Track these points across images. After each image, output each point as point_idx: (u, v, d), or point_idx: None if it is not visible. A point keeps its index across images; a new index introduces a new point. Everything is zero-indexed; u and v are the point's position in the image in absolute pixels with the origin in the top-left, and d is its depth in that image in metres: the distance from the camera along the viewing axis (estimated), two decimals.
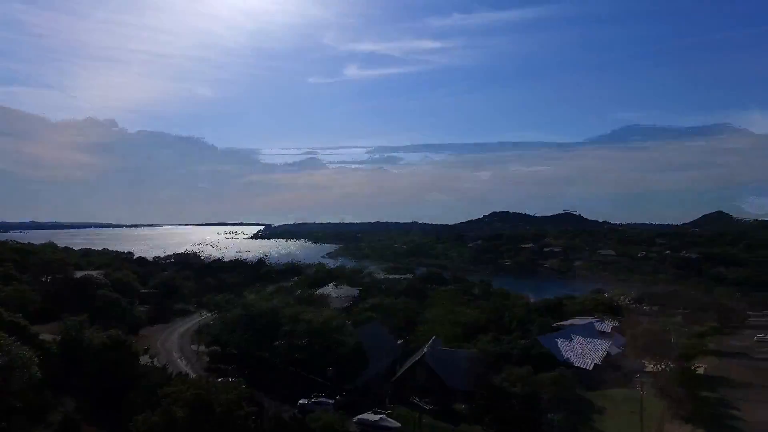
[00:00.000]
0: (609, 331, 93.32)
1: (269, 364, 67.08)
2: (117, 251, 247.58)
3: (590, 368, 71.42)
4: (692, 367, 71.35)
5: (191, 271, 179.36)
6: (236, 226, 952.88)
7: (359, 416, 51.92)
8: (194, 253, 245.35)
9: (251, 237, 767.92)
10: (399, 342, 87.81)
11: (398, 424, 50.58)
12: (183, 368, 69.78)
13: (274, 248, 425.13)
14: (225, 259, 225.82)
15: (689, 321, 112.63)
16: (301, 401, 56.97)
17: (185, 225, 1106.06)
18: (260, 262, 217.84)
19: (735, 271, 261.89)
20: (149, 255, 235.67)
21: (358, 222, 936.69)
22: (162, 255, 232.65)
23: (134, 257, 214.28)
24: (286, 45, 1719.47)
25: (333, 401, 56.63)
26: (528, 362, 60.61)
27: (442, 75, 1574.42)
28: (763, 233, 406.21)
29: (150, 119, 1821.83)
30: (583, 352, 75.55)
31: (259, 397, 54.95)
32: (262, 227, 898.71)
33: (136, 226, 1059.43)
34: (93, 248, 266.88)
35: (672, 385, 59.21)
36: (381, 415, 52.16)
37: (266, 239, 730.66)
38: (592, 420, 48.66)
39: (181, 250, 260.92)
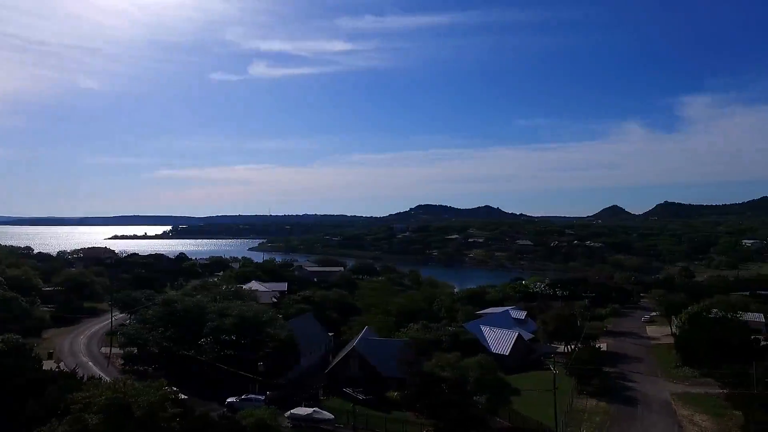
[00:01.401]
0: (523, 317, 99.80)
1: (195, 362, 64.55)
2: (11, 246, 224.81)
3: (507, 353, 76.29)
4: (596, 346, 78.62)
5: (103, 267, 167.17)
6: (141, 227, 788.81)
7: (292, 411, 51.75)
8: (106, 248, 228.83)
9: (158, 237, 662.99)
10: (331, 334, 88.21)
11: (332, 416, 51.09)
12: (95, 372, 65.21)
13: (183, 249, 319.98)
14: (142, 254, 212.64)
15: (594, 304, 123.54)
16: (229, 399, 55.59)
17: (78, 223, 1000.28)
18: (182, 257, 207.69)
19: (630, 258, 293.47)
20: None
21: (285, 215, 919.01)
22: (68, 250, 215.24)
23: (33, 252, 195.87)
24: (187, 38, 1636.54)
25: (264, 397, 55.87)
26: (456, 348, 63.54)
27: (356, 77, 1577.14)
28: (649, 224, 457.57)
29: (27, 109, 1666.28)
30: (500, 338, 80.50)
31: (186, 397, 53.14)
32: (169, 227, 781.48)
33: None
34: None
35: (580, 363, 64.99)
36: (314, 408, 52.37)
37: (178, 239, 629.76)
38: (510, 401, 52.29)
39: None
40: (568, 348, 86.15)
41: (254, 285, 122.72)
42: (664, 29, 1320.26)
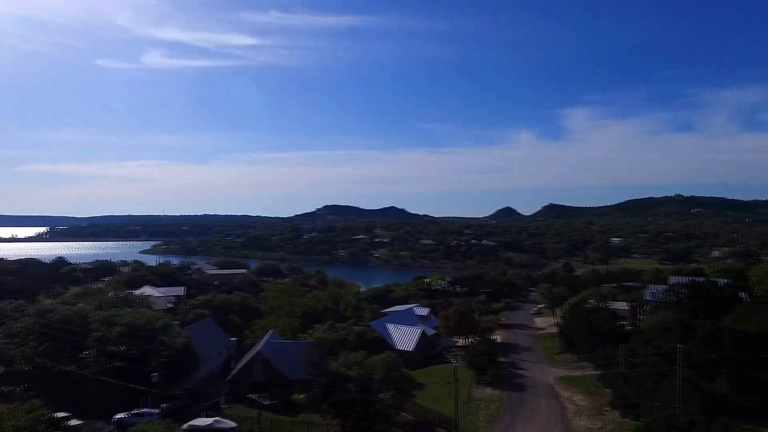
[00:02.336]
0: (426, 314, 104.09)
1: (76, 378, 58.17)
2: None
3: (411, 349, 79.12)
4: (491, 339, 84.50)
5: None
6: (8, 228, 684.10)
7: (190, 422, 48.90)
8: None
9: (30, 239, 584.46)
10: (234, 339, 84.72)
11: (234, 424, 49.12)
12: None
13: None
14: (9, 259, 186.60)
15: (490, 299, 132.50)
16: (118, 416, 51.04)
17: None
18: (60, 262, 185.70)
19: (520, 255, 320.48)
20: None
21: (182, 215, 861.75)
22: None
23: None
24: (68, 18, 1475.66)
25: (158, 410, 52.12)
26: (362, 347, 64.45)
27: (260, 72, 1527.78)
28: (537, 224, 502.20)
29: None
30: (404, 335, 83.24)
31: (67, 415, 47.85)
32: (44, 229, 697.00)
33: None
34: None
35: (477, 355, 69.46)
36: (215, 418, 49.98)
37: (56, 241, 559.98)
38: (414, 396, 54.40)
39: None
40: (466, 341, 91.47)
41: (147, 290, 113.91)
42: (551, 47, 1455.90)
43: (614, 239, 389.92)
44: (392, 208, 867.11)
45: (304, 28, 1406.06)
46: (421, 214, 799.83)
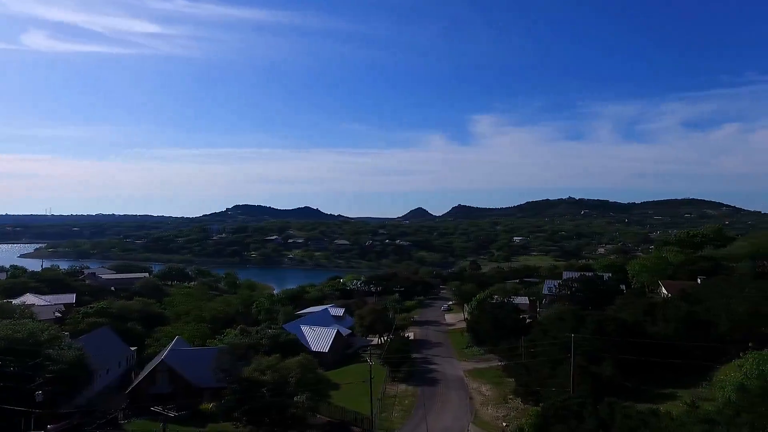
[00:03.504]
0: (342, 314, 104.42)
1: None
2: None
3: (326, 350, 78.91)
4: (405, 336, 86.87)
5: None
6: None
7: None
8: None
9: None
10: (134, 348, 78.66)
11: None
12: None
13: None
14: None
15: (404, 297, 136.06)
16: None
17: None
18: None
19: (431, 254, 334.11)
20: None
21: (72, 215, 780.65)
22: None
23: None
24: None
25: None
26: (277, 350, 62.87)
27: (164, 63, 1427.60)
28: (447, 225, 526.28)
29: None
30: (320, 336, 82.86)
31: None
32: None
33: None
34: None
35: (392, 353, 71.00)
36: None
37: None
38: (330, 396, 54.33)
39: None
40: (381, 340, 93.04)
41: (29, 298, 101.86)
42: (461, 56, 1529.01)
43: (516, 238, 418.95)
44: (306, 208, 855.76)
45: (213, 19, 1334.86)
46: (335, 214, 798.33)
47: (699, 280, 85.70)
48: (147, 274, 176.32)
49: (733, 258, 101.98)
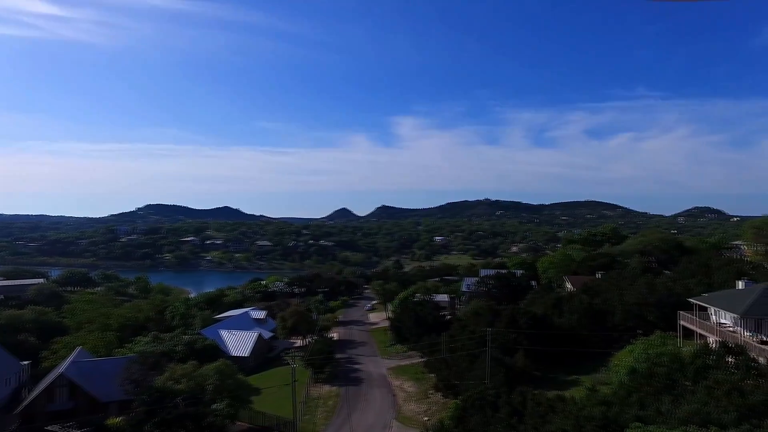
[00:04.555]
0: (263, 317, 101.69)
1: None
2: None
3: (247, 354, 76.49)
4: (329, 337, 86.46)
5: None
6: None
7: None
8: None
9: None
10: (26, 363, 70.85)
11: None
12: None
13: None
14: None
15: (328, 298, 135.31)
16: None
17: None
18: None
19: (355, 254, 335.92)
20: None
21: None
22: None
23: None
24: None
25: None
26: (193, 357, 59.87)
27: (64, 49, 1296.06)
28: (370, 225, 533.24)
29: None
30: (240, 340, 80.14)
31: None
32: None
33: None
34: None
35: (315, 354, 70.37)
36: None
37: None
38: (252, 402, 52.67)
39: None
40: (305, 341, 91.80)
41: None
42: (386, 58, 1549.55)
43: (437, 238, 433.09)
44: (226, 208, 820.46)
45: (121, 4, 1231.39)
46: (257, 214, 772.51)
47: (598, 275, 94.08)
48: (43, 280, 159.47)
49: (625, 254, 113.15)
